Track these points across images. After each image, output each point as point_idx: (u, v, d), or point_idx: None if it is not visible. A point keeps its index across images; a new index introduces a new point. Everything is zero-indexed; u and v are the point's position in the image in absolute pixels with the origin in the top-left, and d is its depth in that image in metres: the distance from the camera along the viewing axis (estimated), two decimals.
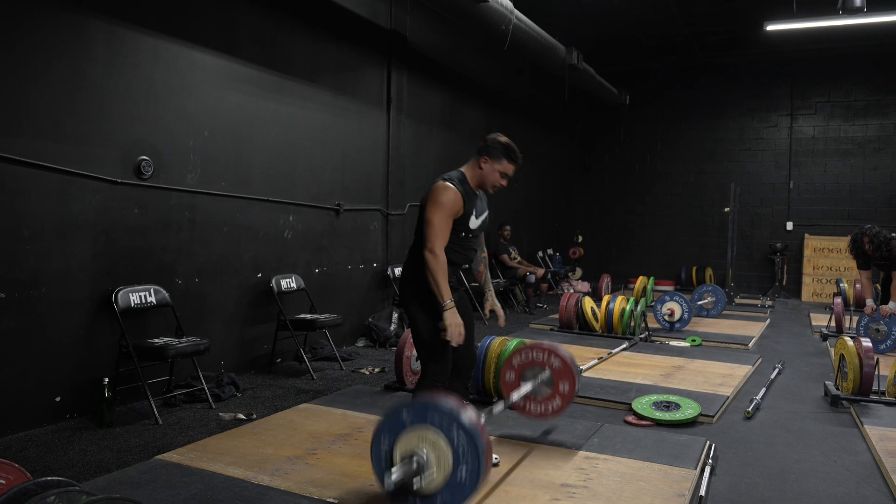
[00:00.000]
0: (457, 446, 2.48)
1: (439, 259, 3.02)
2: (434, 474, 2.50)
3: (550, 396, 3.72)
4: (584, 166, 13.60)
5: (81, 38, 4.18)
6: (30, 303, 3.94)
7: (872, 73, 11.21)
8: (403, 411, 2.57)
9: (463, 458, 2.47)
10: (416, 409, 2.56)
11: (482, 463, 2.45)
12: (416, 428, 2.54)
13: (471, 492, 2.48)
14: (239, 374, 5.30)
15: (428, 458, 2.51)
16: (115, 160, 4.41)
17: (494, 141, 3.22)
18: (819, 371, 5.90)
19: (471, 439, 2.46)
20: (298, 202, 6.03)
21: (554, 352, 3.72)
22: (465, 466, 2.47)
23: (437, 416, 2.51)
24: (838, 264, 11.19)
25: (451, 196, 3.07)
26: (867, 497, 3.17)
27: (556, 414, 3.73)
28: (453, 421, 2.49)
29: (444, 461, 2.49)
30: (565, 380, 3.69)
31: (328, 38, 6.35)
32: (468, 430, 2.47)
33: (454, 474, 2.48)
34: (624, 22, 10.16)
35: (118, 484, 3.06)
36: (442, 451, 2.49)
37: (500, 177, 3.22)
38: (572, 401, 3.74)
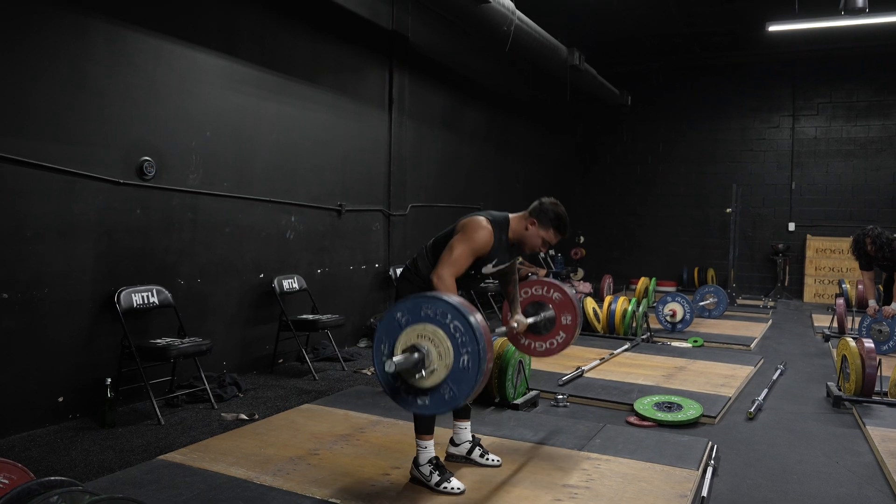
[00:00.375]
0: (454, 333, 2.45)
1: (447, 284, 2.96)
2: (436, 365, 2.47)
3: (553, 332, 3.66)
4: (585, 167, 13.59)
5: (83, 39, 4.19)
6: (32, 303, 3.95)
7: (874, 73, 11.19)
8: (397, 313, 2.55)
9: (462, 345, 2.43)
10: (410, 307, 2.54)
11: (482, 345, 2.41)
12: (412, 326, 2.52)
13: (476, 377, 2.44)
14: (241, 374, 5.31)
15: (428, 350, 2.49)
16: (117, 161, 4.42)
17: (549, 209, 3.15)
18: (821, 372, 5.89)
19: (466, 324, 2.43)
20: (300, 203, 6.03)
21: (555, 287, 3.66)
22: (465, 353, 2.43)
23: (431, 310, 2.49)
24: (840, 265, 11.18)
25: (485, 237, 3.02)
26: (869, 498, 3.17)
27: (560, 349, 3.66)
28: (447, 310, 2.46)
29: (445, 351, 2.46)
30: (567, 313, 3.62)
31: (330, 38, 6.36)
32: (463, 316, 2.44)
33: (456, 362, 2.45)
34: (625, 23, 10.15)
35: (121, 484, 3.06)
36: (441, 342, 2.46)
37: (541, 243, 3.17)
38: (575, 335, 3.66)
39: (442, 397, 2.51)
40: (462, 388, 2.47)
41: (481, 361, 2.41)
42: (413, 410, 2.62)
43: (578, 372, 5.38)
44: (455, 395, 2.49)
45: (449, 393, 2.49)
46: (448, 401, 2.50)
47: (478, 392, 2.51)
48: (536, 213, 3.16)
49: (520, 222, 3.18)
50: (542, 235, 3.15)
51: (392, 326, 2.57)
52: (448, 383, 2.48)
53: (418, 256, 3.23)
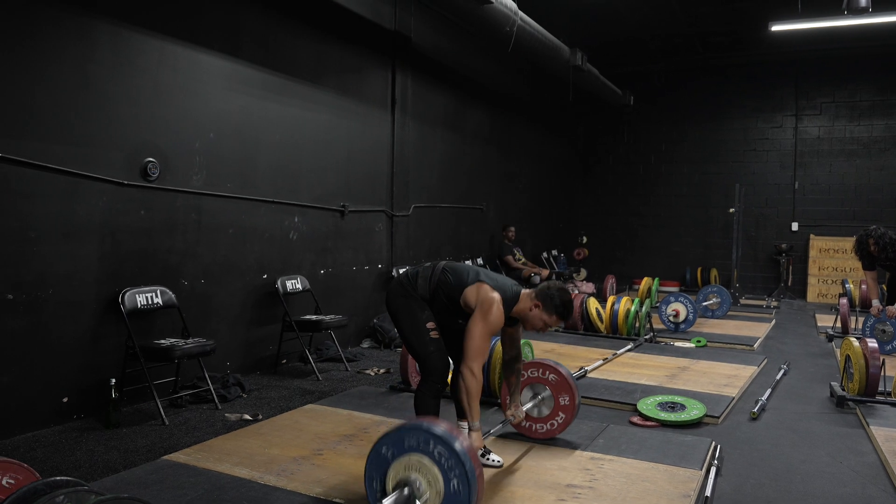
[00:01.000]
0: (440, 460, 2.49)
1: (477, 378, 3.05)
2: (427, 495, 2.51)
3: (553, 413, 3.74)
4: (588, 167, 13.59)
5: (87, 41, 4.21)
6: (37, 304, 3.96)
7: (878, 73, 11.18)
8: (382, 447, 2.60)
9: (450, 469, 2.47)
10: (393, 440, 2.58)
11: (468, 466, 2.46)
12: (399, 459, 2.56)
13: (469, 496, 2.47)
14: (245, 374, 5.32)
15: (418, 482, 2.53)
16: (121, 162, 4.44)
17: (556, 296, 3.17)
18: (825, 372, 5.89)
19: (449, 448, 2.47)
20: (303, 203, 6.04)
21: (551, 368, 3.73)
22: (454, 477, 2.47)
23: (414, 440, 2.54)
24: (844, 265, 11.16)
25: (499, 319, 3.09)
26: (873, 498, 3.17)
27: (561, 430, 3.75)
28: (429, 439, 2.51)
29: (435, 479, 2.50)
30: (565, 394, 3.71)
31: (332, 39, 6.37)
32: (444, 441, 2.48)
33: (447, 487, 2.49)
34: (628, 23, 10.15)
35: (126, 484, 3.07)
36: (429, 471, 2.51)
37: (542, 325, 3.22)
38: (575, 416, 3.75)
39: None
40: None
41: (471, 483, 2.45)
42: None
43: (582, 372, 5.38)
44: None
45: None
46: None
47: None
48: (542, 298, 3.18)
49: (526, 301, 3.22)
50: (545, 319, 3.19)
51: (379, 460, 2.60)
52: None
53: (419, 274, 3.26)
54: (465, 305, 3.14)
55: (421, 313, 3.19)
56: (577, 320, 7.46)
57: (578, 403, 3.74)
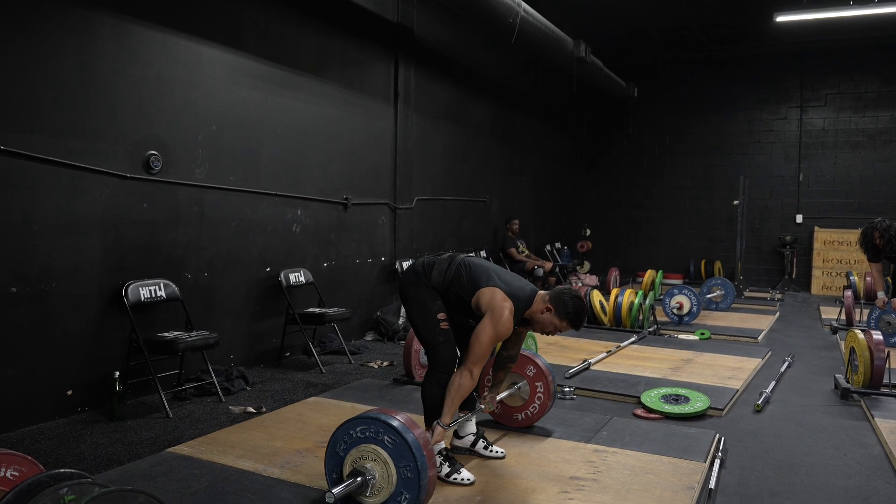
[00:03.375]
0: (392, 449, 2.57)
1: (474, 381, 3.07)
2: (381, 483, 2.59)
3: (529, 401, 3.76)
4: (591, 159, 13.55)
5: (89, 33, 4.20)
6: (41, 297, 3.97)
7: (883, 64, 11.11)
8: (337, 444, 2.68)
9: (399, 458, 2.56)
10: (344, 431, 2.67)
11: (420, 461, 2.53)
12: (352, 449, 2.64)
13: (418, 489, 2.54)
14: (248, 367, 5.33)
15: (374, 474, 2.60)
16: (123, 155, 4.43)
17: (569, 302, 3.15)
18: (829, 364, 5.87)
19: (402, 440, 2.55)
20: (306, 196, 6.04)
21: (529, 360, 3.75)
22: (403, 466, 2.55)
23: (369, 430, 2.61)
24: (848, 257, 11.12)
25: (508, 325, 3.06)
26: (878, 490, 3.16)
27: (538, 418, 3.78)
28: (380, 428, 2.58)
29: (388, 471, 2.58)
30: (538, 382, 3.73)
31: (335, 32, 6.35)
32: (399, 433, 2.55)
33: (399, 474, 2.56)
34: (632, 14, 10.10)
35: (130, 476, 3.08)
36: (380, 458, 2.58)
37: (553, 329, 3.20)
38: (550, 404, 3.78)
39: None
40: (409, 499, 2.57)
41: (420, 473, 2.53)
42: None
43: (585, 364, 5.38)
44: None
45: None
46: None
47: (428, 497, 2.61)
48: (555, 302, 3.16)
49: (539, 304, 3.19)
50: (555, 324, 3.17)
51: (335, 452, 2.69)
52: (395, 498, 2.59)
53: (435, 265, 3.22)
54: (476, 307, 3.12)
55: (433, 304, 3.16)
56: None
57: (554, 389, 3.76)
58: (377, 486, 2.59)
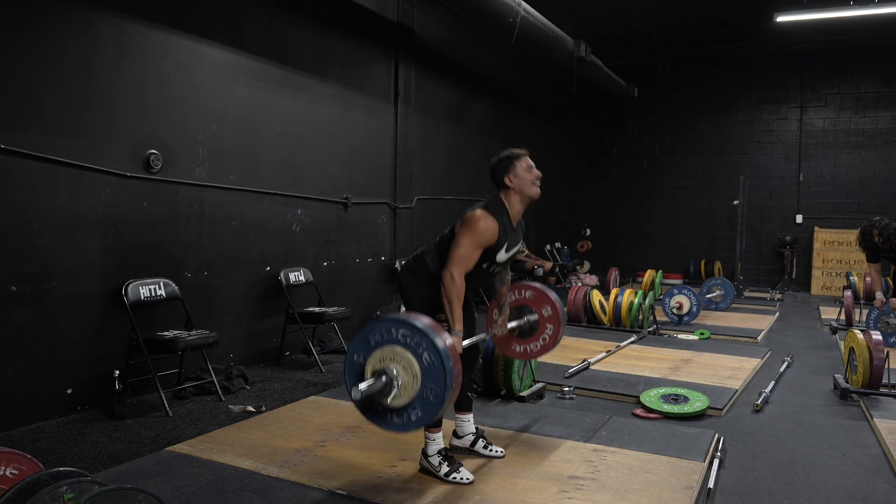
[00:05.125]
0: (406, 341, 2.52)
1: (457, 284, 2.97)
2: (405, 385, 2.52)
3: (541, 329, 3.70)
4: (592, 159, 13.55)
5: (90, 32, 4.20)
6: (41, 296, 3.97)
7: (883, 64, 11.10)
8: (353, 355, 2.62)
9: (417, 345, 2.50)
10: (360, 344, 2.61)
11: (432, 336, 2.48)
12: (370, 357, 2.58)
13: (442, 363, 2.47)
14: (248, 366, 5.33)
15: (394, 370, 2.54)
16: (124, 154, 4.43)
17: (497, 161, 3.16)
18: (828, 364, 5.87)
19: (410, 327, 2.50)
20: (307, 196, 6.04)
21: (524, 286, 3.70)
22: (423, 350, 2.49)
23: (378, 335, 2.57)
24: (848, 257, 11.12)
25: (489, 226, 3.01)
26: (876, 490, 3.16)
27: (553, 342, 3.71)
28: (390, 327, 2.54)
29: (409, 363, 2.51)
30: (545, 305, 3.67)
31: (336, 31, 6.35)
32: (405, 322, 2.52)
33: (421, 364, 2.50)
34: (632, 14, 10.10)
35: (129, 475, 3.08)
36: (401, 357, 2.52)
37: (531, 179, 3.16)
38: (562, 323, 3.70)
39: (409, 417, 2.57)
40: (428, 409, 2.53)
41: (440, 351, 2.47)
42: (386, 428, 2.66)
43: (584, 364, 5.38)
44: (420, 417, 2.55)
45: (416, 413, 2.55)
46: (416, 420, 2.57)
47: (450, 404, 2.56)
48: (500, 172, 3.14)
49: (507, 194, 3.16)
50: (521, 172, 3.13)
51: (353, 367, 2.64)
52: (416, 404, 2.54)
53: (426, 251, 3.21)
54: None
55: (433, 300, 3.10)
56: (580, 313, 7.45)
57: (563, 312, 3.69)
58: (402, 386, 2.52)
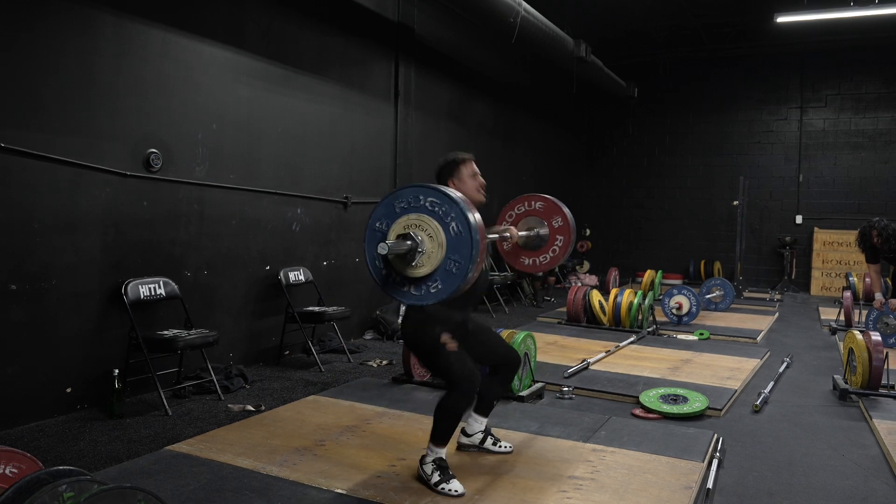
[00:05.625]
0: (434, 209, 2.48)
1: None
2: (431, 247, 2.48)
3: (551, 240, 3.69)
4: (592, 159, 13.56)
5: (90, 32, 4.20)
6: (40, 295, 3.97)
7: (883, 65, 11.11)
8: (375, 223, 2.62)
9: (445, 214, 2.46)
10: (384, 210, 2.59)
11: (461, 205, 2.44)
12: (394, 224, 2.55)
13: (469, 233, 2.44)
14: (247, 366, 5.33)
15: (419, 236, 2.50)
16: (124, 153, 4.43)
17: (443, 163, 3.16)
18: (828, 365, 5.88)
19: (440, 194, 2.47)
20: (306, 195, 6.04)
21: (533, 197, 3.71)
22: (452, 220, 2.45)
23: (404, 202, 2.54)
24: (848, 258, 11.13)
25: None
26: (875, 490, 3.17)
27: (564, 252, 3.68)
28: (418, 194, 2.50)
29: (435, 231, 2.47)
30: (556, 216, 3.67)
31: (336, 31, 6.35)
32: (434, 189, 2.48)
33: (447, 233, 2.46)
34: (633, 14, 10.10)
35: (129, 474, 3.08)
36: (427, 224, 2.48)
37: (474, 179, 3.16)
38: (572, 234, 3.69)
39: (428, 289, 2.52)
40: (449, 282, 2.47)
41: (469, 221, 2.43)
42: (403, 300, 2.62)
43: (584, 364, 5.38)
44: (440, 290, 2.49)
45: (436, 286, 2.49)
46: (436, 293, 2.51)
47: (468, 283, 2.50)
48: (445, 173, 3.15)
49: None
50: (466, 177, 3.14)
51: (375, 236, 2.61)
52: (438, 275, 2.48)
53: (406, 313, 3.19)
54: None
55: (432, 329, 3.01)
56: (580, 313, 7.46)
57: (572, 224, 3.67)
58: (426, 254, 2.47)
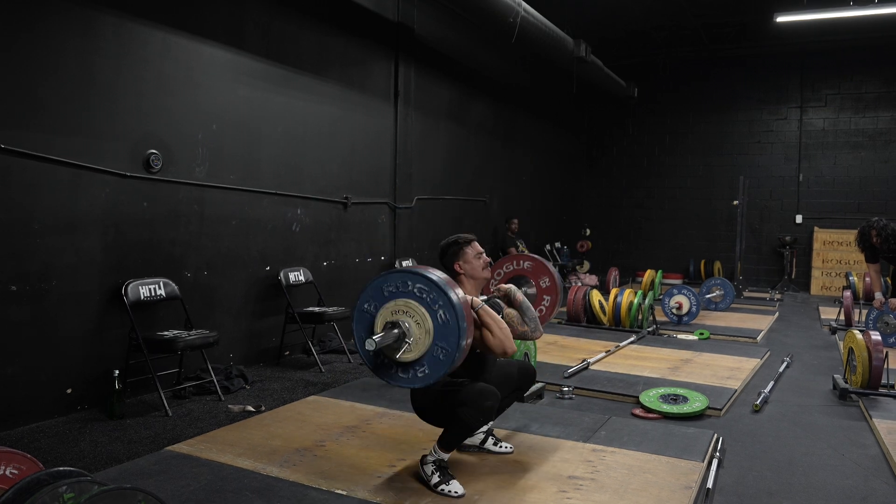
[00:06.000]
0: (421, 296, 2.51)
1: None
2: (419, 335, 2.52)
3: (538, 300, 3.75)
4: (592, 159, 13.56)
5: (90, 32, 4.20)
6: (41, 296, 3.97)
7: (883, 64, 11.11)
8: (364, 304, 2.62)
9: (433, 301, 2.49)
10: (373, 293, 2.60)
11: (450, 294, 2.47)
12: (381, 308, 2.57)
13: (457, 321, 2.46)
14: (247, 366, 5.33)
15: (406, 323, 2.53)
16: (124, 154, 4.44)
17: (446, 246, 3.15)
18: (828, 364, 5.88)
19: (427, 281, 2.49)
20: (306, 195, 6.04)
21: (522, 257, 3.75)
22: (439, 308, 2.48)
23: (393, 286, 2.56)
24: (848, 257, 11.12)
25: None
26: (875, 490, 3.17)
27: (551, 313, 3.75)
28: (406, 279, 2.52)
29: (423, 318, 2.50)
30: (543, 276, 3.73)
31: (336, 31, 6.35)
32: (421, 276, 2.50)
33: (435, 320, 2.49)
34: (632, 14, 10.10)
35: (129, 474, 3.09)
36: (415, 311, 2.51)
37: (479, 259, 3.15)
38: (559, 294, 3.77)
39: (416, 373, 2.57)
40: (436, 368, 2.52)
41: (456, 308, 2.46)
42: (390, 382, 2.67)
43: (584, 364, 5.38)
44: (427, 375, 2.55)
45: (423, 371, 2.55)
46: (423, 377, 2.56)
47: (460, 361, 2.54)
48: (450, 260, 3.14)
49: (462, 282, 3.10)
50: (471, 258, 3.13)
51: (363, 317, 2.63)
52: (425, 361, 2.53)
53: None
54: None
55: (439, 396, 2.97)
56: (580, 312, 7.46)
57: (560, 284, 3.75)
58: (414, 341, 2.50)
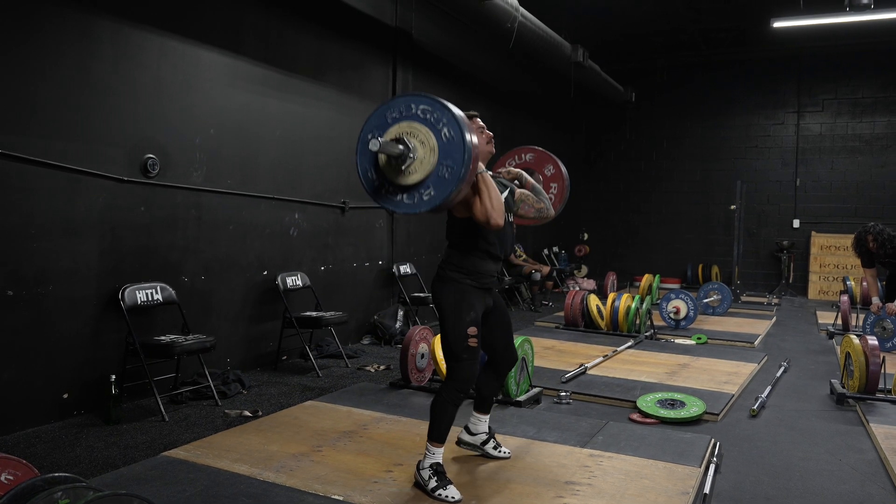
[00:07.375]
0: (426, 117, 2.51)
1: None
2: (423, 153, 2.49)
3: (545, 188, 3.76)
4: (589, 164, 13.57)
5: (88, 37, 4.20)
6: (37, 300, 3.97)
7: (880, 69, 11.14)
8: (368, 133, 2.59)
9: (437, 121, 2.49)
10: (376, 121, 2.58)
11: (453, 110, 2.48)
12: (385, 132, 2.55)
13: (461, 137, 2.45)
14: (245, 371, 5.33)
15: (411, 142, 2.51)
16: (121, 158, 4.44)
17: None
18: (825, 369, 5.88)
19: (431, 102, 2.50)
20: (304, 200, 6.04)
21: (525, 149, 3.75)
22: (443, 126, 2.47)
23: (396, 111, 2.55)
24: (845, 262, 11.14)
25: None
26: (872, 495, 3.17)
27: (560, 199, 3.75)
28: (410, 103, 2.52)
29: (427, 137, 2.49)
30: (548, 164, 3.78)
31: (334, 35, 6.36)
32: (425, 98, 2.50)
33: (439, 139, 2.47)
34: (630, 19, 10.12)
35: (125, 480, 3.08)
36: (419, 131, 2.50)
37: (481, 133, 3.19)
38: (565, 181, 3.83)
39: (421, 196, 2.53)
40: (442, 188, 2.48)
41: (460, 124, 2.46)
42: (396, 209, 2.63)
43: (581, 369, 5.38)
44: (432, 197, 2.51)
45: (429, 193, 2.51)
46: (428, 200, 2.52)
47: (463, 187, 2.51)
48: None
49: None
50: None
51: (367, 147, 2.58)
52: (430, 181, 2.50)
53: (447, 256, 3.13)
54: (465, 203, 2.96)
55: (467, 315, 2.98)
56: (577, 317, 7.46)
57: (565, 171, 3.74)
58: (418, 159, 2.47)
